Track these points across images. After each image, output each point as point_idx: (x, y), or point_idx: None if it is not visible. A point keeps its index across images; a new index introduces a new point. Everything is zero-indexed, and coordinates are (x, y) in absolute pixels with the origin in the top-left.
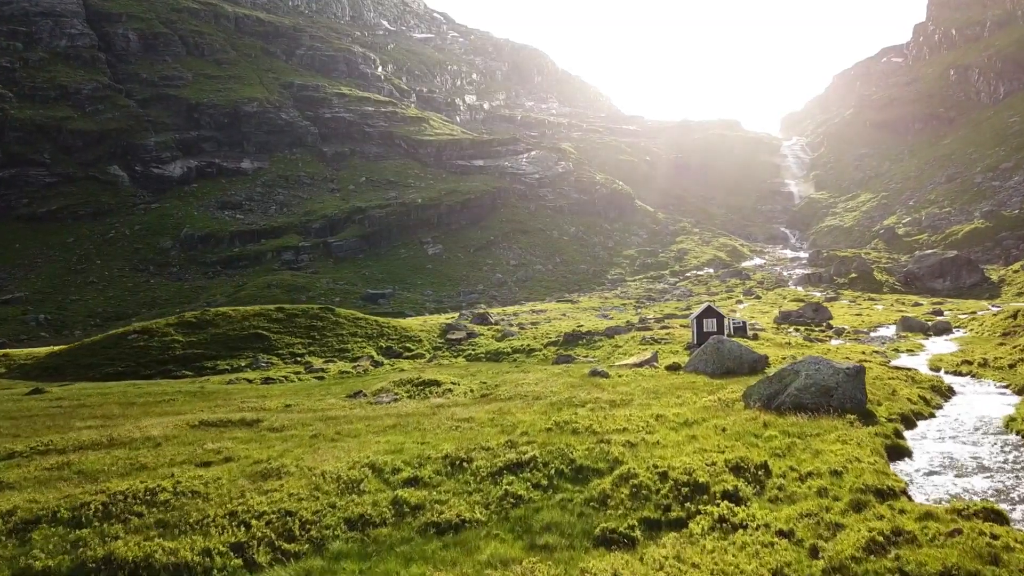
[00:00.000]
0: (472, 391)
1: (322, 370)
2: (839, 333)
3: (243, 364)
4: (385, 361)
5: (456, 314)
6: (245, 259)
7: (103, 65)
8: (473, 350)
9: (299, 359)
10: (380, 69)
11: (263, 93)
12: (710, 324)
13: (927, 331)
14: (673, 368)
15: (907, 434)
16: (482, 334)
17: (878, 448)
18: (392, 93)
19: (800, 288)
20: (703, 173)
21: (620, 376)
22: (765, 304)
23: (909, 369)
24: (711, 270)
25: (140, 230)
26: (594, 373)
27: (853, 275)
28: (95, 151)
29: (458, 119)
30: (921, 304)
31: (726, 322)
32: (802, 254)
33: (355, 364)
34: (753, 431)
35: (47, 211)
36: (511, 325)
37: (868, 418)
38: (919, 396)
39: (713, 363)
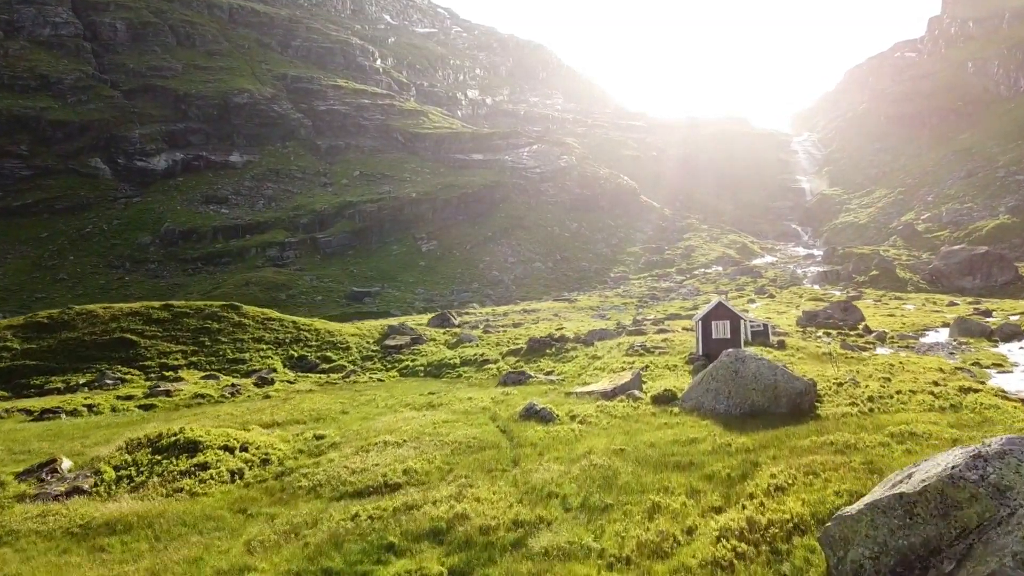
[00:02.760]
0: (267, 461)
1: (166, 393)
2: (881, 339)
3: (82, 382)
4: (291, 375)
5: (429, 315)
6: (228, 255)
7: (88, 55)
8: (412, 361)
9: (170, 372)
10: (379, 62)
11: (255, 85)
12: (721, 328)
13: (990, 335)
14: (663, 400)
15: None
16: (433, 339)
17: None
18: (391, 86)
19: (816, 286)
20: (711, 170)
21: (570, 419)
22: (780, 303)
23: None
24: (720, 268)
25: (118, 225)
26: (528, 413)
27: (874, 272)
28: (76, 143)
29: (459, 114)
30: (957, 304)
31: (743, 325)
32: (816, 251)
33: (232, 386)
34: None
35: (22, 205)
36: (475, 328)
37: None
38: None
39: (728, 395)
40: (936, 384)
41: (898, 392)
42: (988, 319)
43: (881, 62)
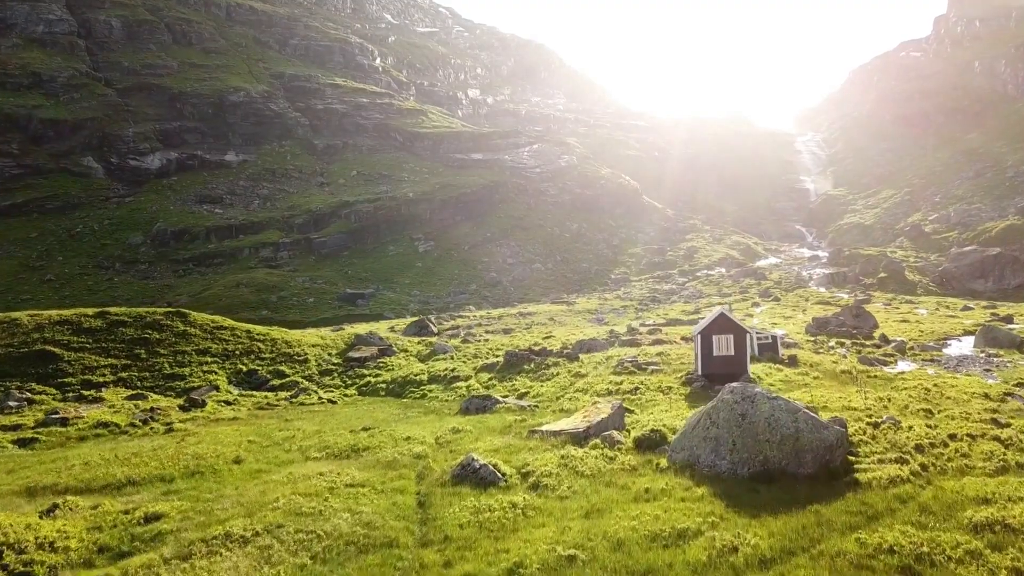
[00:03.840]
0: None
1: (62, 423)
2: (901, 350)
3: None
4: (233, 393)
5: (408, 320)
6: (220, 256)
7: (82, 52)
8: (376, 377)
9: (91, 391)
10: (379, 61)
11: (252, 83)
12: (723, 343)
13: (1020, 346)
14: (649, 445)
15: None
16: (405, 349)
17: None
18: (390, 85)
19: (823, 289)
20: (714, 170)
21: (520, 480)
22: (786, 307)
23: None
24: (723, 269)
25: (109, 225)
26: (464, 473)
27: (882, 274)
28: (68, 141)
29: (460, 113)
30: (971, 308)
31: (749, 339)
32: (821, 253)
33: (150, 412)
34: None
35: (11, 204)
36: (455, 337)
37: None
38: None
39: (733, 448)
40: (995, 422)
41: (952, 437)
42: (1011, 326)
43: (886, 62)
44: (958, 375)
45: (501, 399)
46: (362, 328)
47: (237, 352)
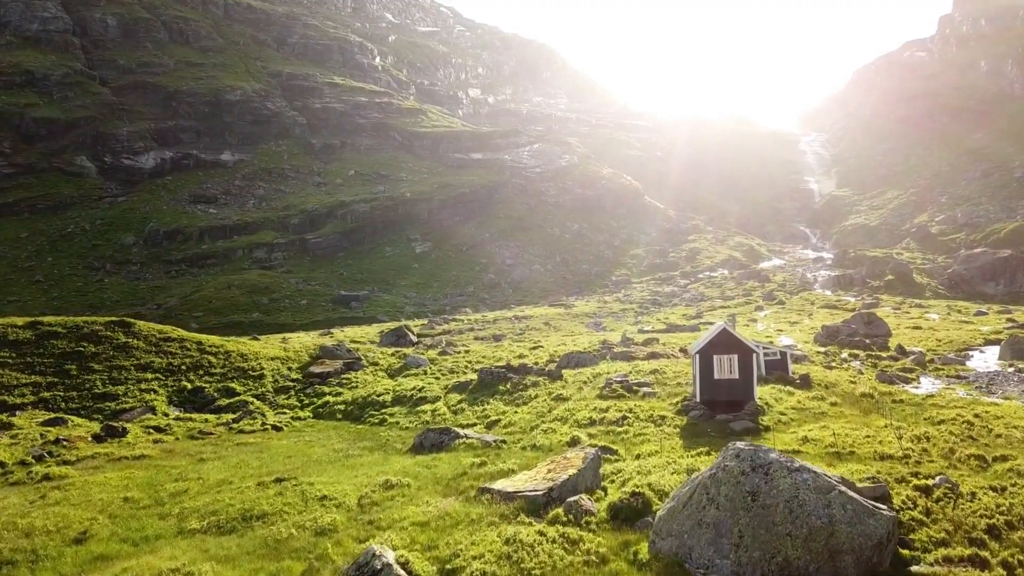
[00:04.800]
0: None
1: None
2: (921, 363)
3: None
4: (169, 417)
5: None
6: (213, 257)
7: (77, 50)
8: (335, 396)
9: (3, 415)
10: (378, 60)
11: (249, 82)
12: (726, 364)
13: None
14: (627, 517)
15: None
16: (375, 363)
17: None
18: (390, 84)
19: (829, 292)
20: (717, 170)
21: None
22: (791, 311)
23: None
24: (726, 271)
25: (101, 225)
26: None
27: (889, 277)
28: (61, 140)
29: (460, 113)
30: (985, 313)
31: (755, 359)
32: (825, 254)
33: (53, 443)
34: None
35: (2, 204)
36: (433, 348)
37: None
38: None
39: (739, 541)
40: None
41: None
42: None
43: (890, 62)
44: (995, 398)
45: (463, 432)
46: (352, 332)
47: (184, 367)
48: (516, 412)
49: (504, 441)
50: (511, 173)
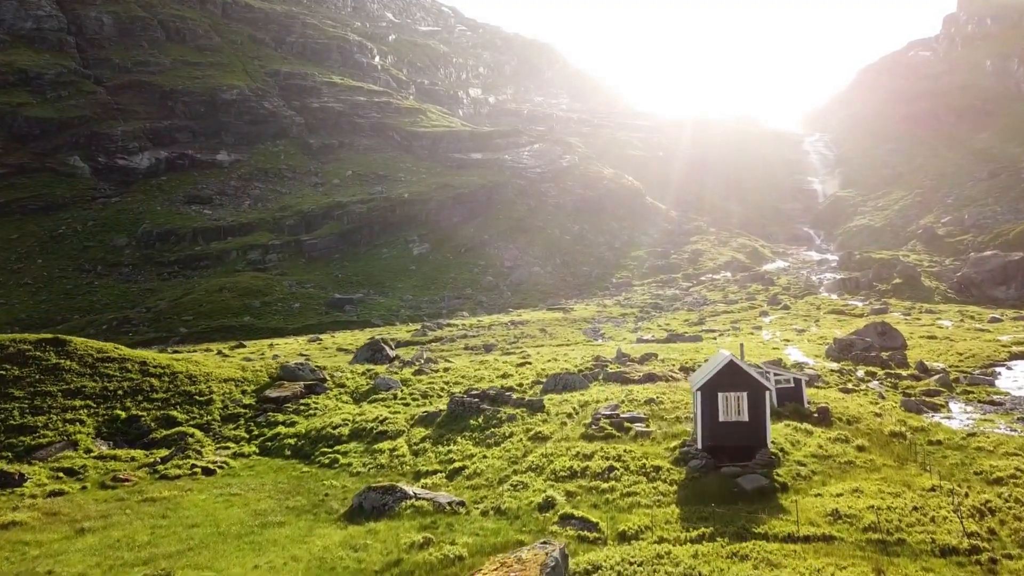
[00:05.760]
0: None
1: None
2: (946, 384)
3: None
4: (92, 455)
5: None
6: (207, 258)
7: (72, 49)
8: (289, 427)
9: None
10: (377, 59)
11: (246, 81)
12: (733, 403)
13: None
14: None
15: None
16: (342, 384)
17: None
18: (389, 84)
19: (835, 296)
20: (720, 170)
21: None
22: (797, 317)
23: None
24: (728, 273)
25: (93, 226)
26: None
27: (897, 280)
28: (54, 140)
29: (461, 112)
30: (1000, 320)
31: (769, 397)
32: (830, 256)
33: None
34: None
35: None
36: (409, 366)
37: None
38: None
39: None
40: None
41: None
42: None
43: (894, 61)
44: None
45: (411, 492)
46: (341, 339)
47: (121, 392)
48: (485, 456)
49: (462, 503)
50: (511, 173)
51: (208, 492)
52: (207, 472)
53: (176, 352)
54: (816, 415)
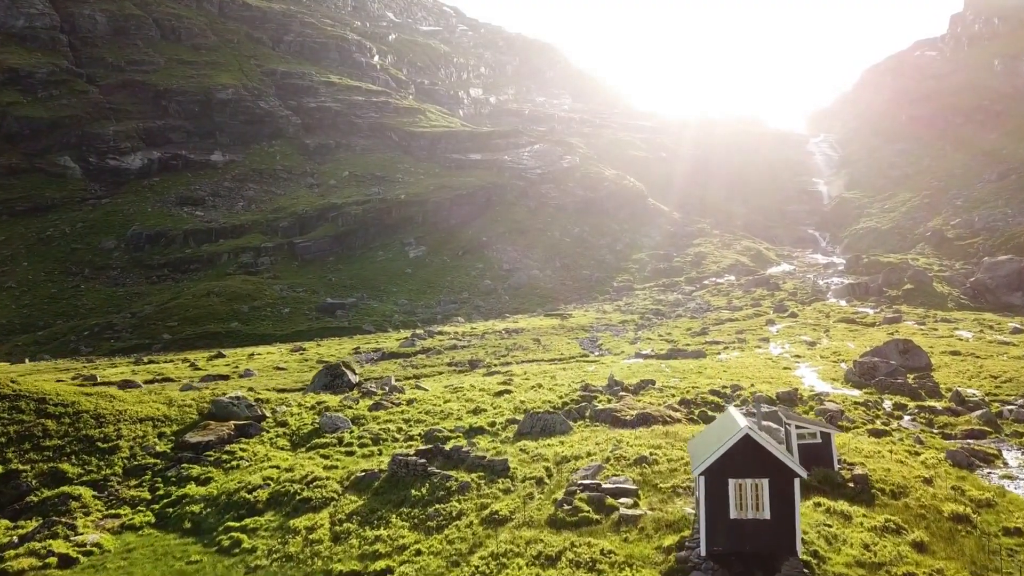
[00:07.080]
0: None
1: None
2: (990, 422)
3: None
4: None
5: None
6: (197, 262)
7: (64, 48)
8: (202, 484)
9: None
10: (376, 59)
11: (242, 80)
12: (749, 495)
13: None
14: None
15: None
16: (282, 423)
17: None
18: (388, 83)
19: (844, 302)
20: (723, 171)
21: None
22: (805, 326)
23: None
24: (732, 277)
25: (82, 228)
26: None
27: (908, 286)
28: (45, 140)
29: (461, 113)
30: (1021, 329)
31: (799, 484)
32: (836, 259)
33: None
34: None
35: None
36: (369, 396)
37: None
38: None
39: None
40: None
41: None
42: None
43: (900, 61)
44: None
45: None
46: (327, 348)
47: (4, 439)
48: (419, 552)
49: None
50: (511, 174)
51: None
52: (65, 563)
53: (152, 362)
54: (852, 485)
